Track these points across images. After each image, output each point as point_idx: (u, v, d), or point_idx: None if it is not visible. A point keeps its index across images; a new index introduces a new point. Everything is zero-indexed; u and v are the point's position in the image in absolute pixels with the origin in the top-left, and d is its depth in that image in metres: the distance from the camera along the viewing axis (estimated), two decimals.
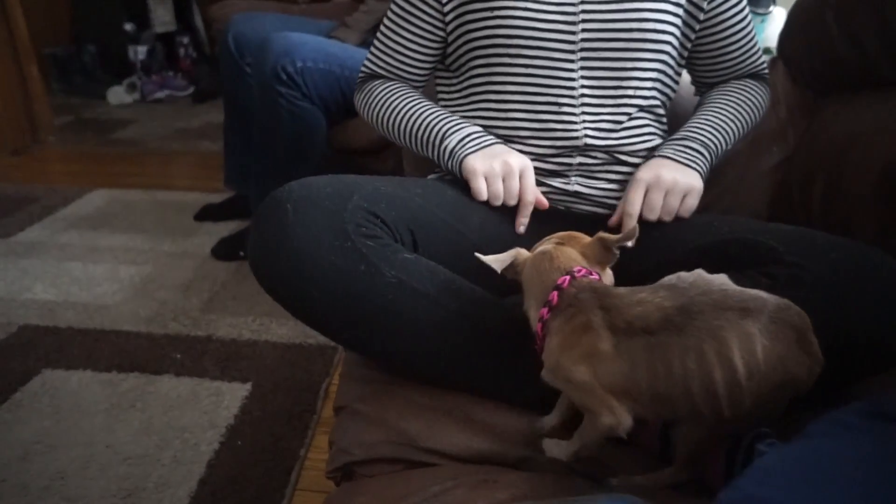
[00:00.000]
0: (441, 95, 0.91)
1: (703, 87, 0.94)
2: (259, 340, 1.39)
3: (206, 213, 2.02)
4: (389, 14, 0.86)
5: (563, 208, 0.83)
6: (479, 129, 0.82)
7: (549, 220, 0.78)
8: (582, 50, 0.77)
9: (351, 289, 0.60)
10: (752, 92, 0.88)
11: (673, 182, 0.75)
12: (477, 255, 0.60)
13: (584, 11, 0.76)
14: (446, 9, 0.81)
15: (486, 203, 0.78)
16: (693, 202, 0.77)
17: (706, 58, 0.88)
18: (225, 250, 1.77)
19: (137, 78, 3.52)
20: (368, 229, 0.62)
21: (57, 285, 1.60)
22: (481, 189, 0.76)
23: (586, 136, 0.79)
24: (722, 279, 0.52)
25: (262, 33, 1.56)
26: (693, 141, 0.80)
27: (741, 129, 0.85)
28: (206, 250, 1.79)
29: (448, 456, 0.58)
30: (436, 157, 0.82)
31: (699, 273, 0.53)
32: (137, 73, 3.53)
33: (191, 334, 1.41)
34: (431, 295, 0.62)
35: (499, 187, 0.76)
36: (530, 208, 0.78)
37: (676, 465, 0.56)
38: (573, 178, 0.81)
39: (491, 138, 0.81)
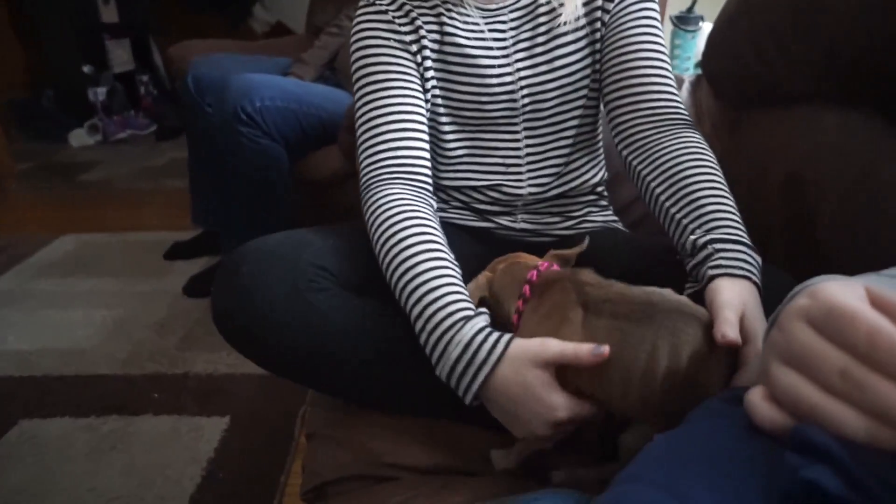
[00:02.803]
0: None
1: (622, 136, 0.78)
2: (235, 374, 1.43)
3: (176, 252, 2.05)
4: (366, 77, 0.77)
5: (511, 240, 0.89)
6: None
7: (499, 247, 0.84)
8: (524, 114, 0.83)
9: (304, 339, 0.65)
10: (708, 156, 0.73)
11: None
12: None
13: (521, 78, 0.81)
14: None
15: None
16: None
17: (612, 84, 0.79)
18: (197, 288, 1.80)
19: (98, 119, 3.53)
20: (317, 283, 0.67)
21: (31, 334, 1.62)
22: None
23: (529, 189, 0.86)
24: (684, 298, 0.57)
25: (222, 75, 1.62)
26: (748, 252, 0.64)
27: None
28: (178, 288, 1.82)
29: (410, 469, 0.64)
30: (432, 340, 0.62)
31: (668, 290, 0.59)
32: (98, 114, 3.54)
33: (168, 372, 1.45)
34: (377, 335, 0.67)
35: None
36: None
37: (622, 464, 0.62)
38: (519, 217, 0.88)
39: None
